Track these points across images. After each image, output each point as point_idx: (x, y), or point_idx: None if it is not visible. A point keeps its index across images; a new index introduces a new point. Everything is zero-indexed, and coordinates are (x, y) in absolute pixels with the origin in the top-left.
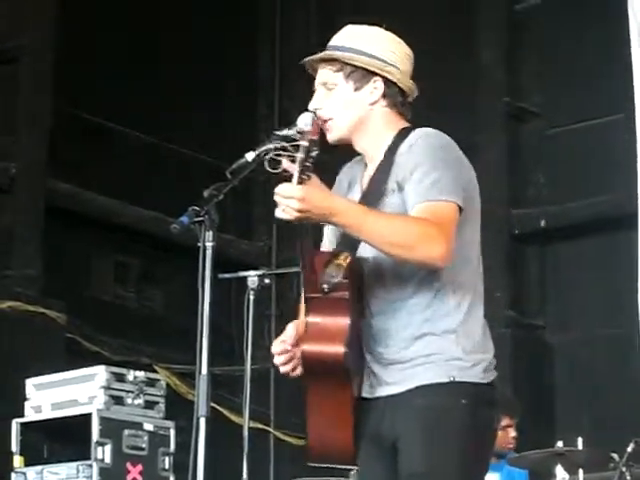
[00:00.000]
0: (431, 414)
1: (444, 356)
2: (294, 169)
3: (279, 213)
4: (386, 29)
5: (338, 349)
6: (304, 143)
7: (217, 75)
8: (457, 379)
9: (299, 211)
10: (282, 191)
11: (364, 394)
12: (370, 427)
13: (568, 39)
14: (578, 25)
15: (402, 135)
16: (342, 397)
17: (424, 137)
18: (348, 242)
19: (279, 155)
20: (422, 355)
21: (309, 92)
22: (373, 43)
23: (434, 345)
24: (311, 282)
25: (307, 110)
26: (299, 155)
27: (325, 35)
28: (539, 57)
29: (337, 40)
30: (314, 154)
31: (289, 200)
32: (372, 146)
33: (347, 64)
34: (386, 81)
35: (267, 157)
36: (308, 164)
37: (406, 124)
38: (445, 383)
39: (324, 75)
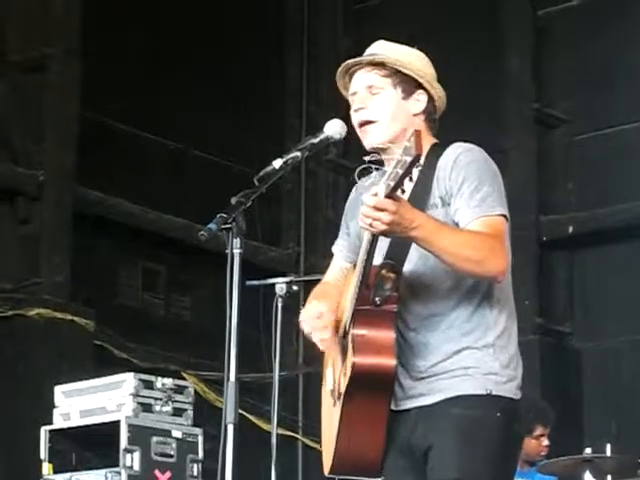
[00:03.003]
0: (467, 424)
1: (482, 369)
2: (385, 182)
3: (364, 226)
4: (419, 50)
5: (390, 362)
6: (407, 158)
7: (244, 82)
8: (494, 392)
9: (389, 224)
10: (376, 203)
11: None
12: (399, 438)
13: (595, 44)
14: (604, 30)
15: (436, 150)
16: (380, 410)
17: (466, 152)
18: (395, 255)
19: (370, 167)
20: (460, 367)
21: (336, 99)
22: (416, 59)
23: (472, 358)
24: (362, 296)
25: (335, 117)
26: (397, 170)
27: (353, 43)
28: (566, 63)
29: (380, 49)
30: (416, 170)
31: (381, 213)
32: None
33: (397, 72)
34: (428, 96)
35: (359, 168)
36: (407, 179)
37: (434, 140)
38: (482, 395)
39: (370, 78)
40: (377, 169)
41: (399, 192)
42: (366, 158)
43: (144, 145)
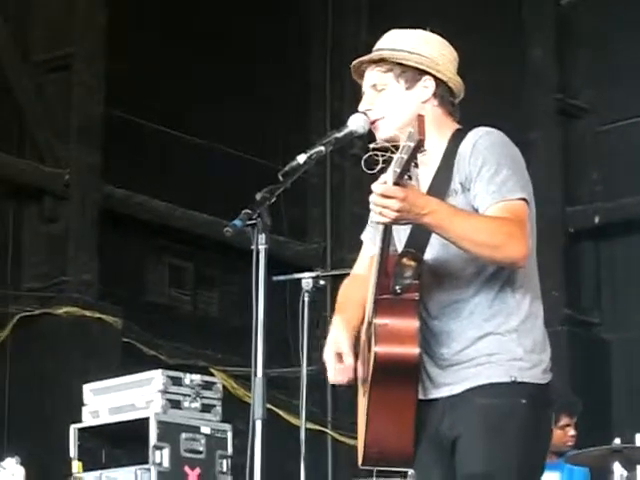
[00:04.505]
0: (492, 414)
1: (506, 356)
2: (392, 169)
3: (375, 215)
4: (431, 32)
5: (412, 350)
6: (410, 144)
7: (269, 77)
8: (518, 379)
9: (398, 211)
10: (384, 191)
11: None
12: (428, 428)
13: (617, 33)
14: (627, 18)
15: (458, 136)
16: (407, 399)
17: (485, 136)
18: (416, 243)
19: (377, 155)
20: (484, 354)
21: (360, 93)
22: (421, 44)
23: (496, 344)
24: (382, 284)
25: (358, 111)
26: (402, 155)
27: (376, 36)
28: (589, 53)
29: (384, 43)
30: (420, 155)
31: (389, 201)
32: None
33: (397, 64)
34: (436, 80)
35: (365, 156)
36: (412, 164)
37: (457, 125)
38: (506, 383)
39: (373, 77)
40: (383, 156)
41: (408, 178)
42: (371, 145)
43: (169, 142)
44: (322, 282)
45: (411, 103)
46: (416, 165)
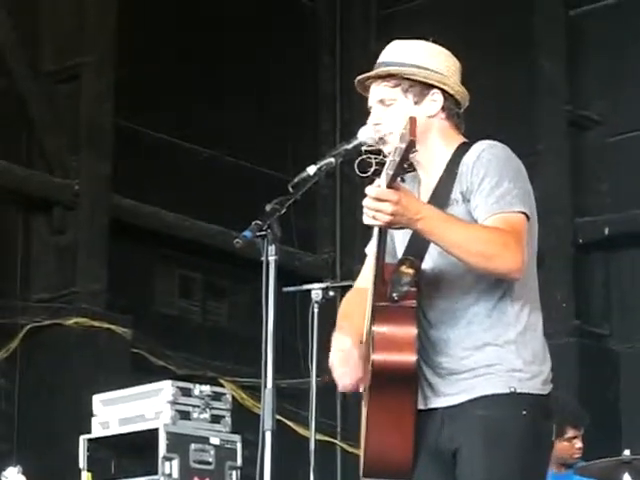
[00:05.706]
0: (492, 425)
1: (504, 367)
2: (385, 172)
3: (368, 219)
4: (434, 42)
5: (409, 358)
6: (402, 145)
7: (278, 88)
8: (517, 390)
9: (392, 214)
10: (377, 194)
11: (418, 405)
12: (428, 439)
13: (628, 44)
14: (638, 29)
15: (463, 149)
16: (406, 408)
17: (488, 149)
18: (414, 251)
19: (369, 157)
20: (483, 365)
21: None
22: (426, 56)
23: (495, 355)
24: (380, 292)
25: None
26: (395, 158)
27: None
28: (599, 64)
29: (388, 56)
30: (412, 156)
31: (383, 204)
32: (429, 159)
33: (405, 79)
34: (444, 93)
35: (358, 159)
36: (405, 166)
37: (463, 138)
38: (506, 394)
39: (380, 92)
40: (376, 159)
41: (401, 180)
42: (364, 148)
43: (178, 153)
44: (332, 293)
45: (420, 118)
46: (410, 166)
